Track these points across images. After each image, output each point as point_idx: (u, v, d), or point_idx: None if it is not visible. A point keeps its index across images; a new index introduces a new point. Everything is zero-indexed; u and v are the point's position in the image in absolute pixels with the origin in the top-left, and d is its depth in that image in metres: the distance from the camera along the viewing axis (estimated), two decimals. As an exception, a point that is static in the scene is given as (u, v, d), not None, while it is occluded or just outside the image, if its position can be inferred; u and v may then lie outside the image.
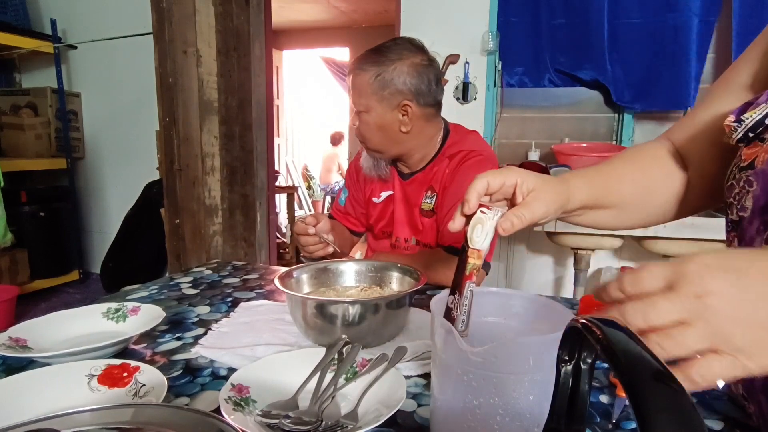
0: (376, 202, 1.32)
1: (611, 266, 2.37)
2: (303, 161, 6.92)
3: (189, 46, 2.40)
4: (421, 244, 1.25)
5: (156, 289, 1.03)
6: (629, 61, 2.31)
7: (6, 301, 2.62)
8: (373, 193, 1.32)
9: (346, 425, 0.51)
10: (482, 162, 1.15)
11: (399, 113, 1.14)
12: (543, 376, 0.43)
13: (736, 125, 0.55)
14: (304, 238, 1.09)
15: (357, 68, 1.13)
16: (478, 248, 0.53)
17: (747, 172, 0.55)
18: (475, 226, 0.54)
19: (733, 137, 0.55)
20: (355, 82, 1.14)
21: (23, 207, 3.20)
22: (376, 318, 0.71)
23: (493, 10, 2.47)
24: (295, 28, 5.95)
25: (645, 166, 0.70)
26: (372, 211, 1.34)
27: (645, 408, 0.22)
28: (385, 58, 1.11)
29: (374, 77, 1.11)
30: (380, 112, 1.14)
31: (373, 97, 1.12)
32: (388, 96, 1.12)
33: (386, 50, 1.12)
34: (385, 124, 1.15)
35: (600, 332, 0.27)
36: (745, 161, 0.55)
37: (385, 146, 1.19)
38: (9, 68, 3.63)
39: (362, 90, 1.13)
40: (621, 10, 2.27)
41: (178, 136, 2.49)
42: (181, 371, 0.67)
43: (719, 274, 0.34)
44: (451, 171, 1.17)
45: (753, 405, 0.57)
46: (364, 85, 1.12)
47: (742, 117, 0.54)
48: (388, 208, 1.30)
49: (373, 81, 1.11)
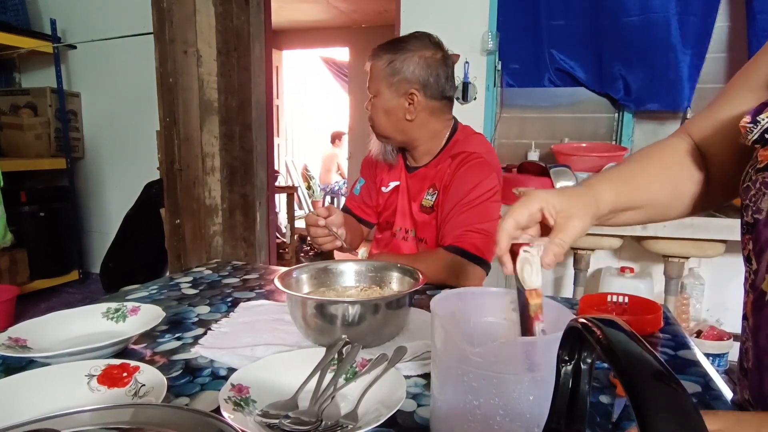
0: (384, 191, 1.35)
1: (611, 266, 2.37)
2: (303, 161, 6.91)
3: (189, 46, 2.40)
4: (417, 238, 1.26)
5: (156, 289, 1.03)
6: (629, 61, 2.30)
7: (6, 301, 2.62)
8: (383, 182, 1.36)
9: (346, 425, 0.51)
10: (482, 164, 1.16)
11: (405, 101, 1.19)
12: (543, 376, 0.43)
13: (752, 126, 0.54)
14: (313, 229, 1.09)
15: (374, 55, 1.20)
16: (534, 287, 0.52)
17: (764, 174, 0.54)
18: (523, 267, 0.54)
19: (748, 138, 0.54)
20: (371, 67, 1.21)
21: (23, 207, 3.19)
22: (376, 318, 0.71)
23: (493, 10, 2.47)
24: (295, 28, 5.94)
25: (670, 164, 0.70)
26: (380, 200, 1.38)
27: (645, 408, 0.22)
28: (400, 48, 1.18)
29: (387, 64, 1.18)
30: (388, 97, 1.20)
31: (383, 82, 1.19)
32: (397, 83, 1.18)
33: (403, 42, 1.20)
34: (391, 110, 1.21)
35: (600, 332, 0.27)
36: (762, 163, 0.54)
37: (391, 131, 1.24)
38: (9, 68, 3.63)
39: (375, 75, 1.20)
40: (620, 10, 2.27)
41: (179, 136, 2.49)
42: (180, 371, 0.67)
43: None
44: (452, 171, 1.18)
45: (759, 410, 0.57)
46: (378, 70, 1.19)
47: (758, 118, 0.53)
48: (393, 198, 1.33)
49: (385, 67, 1.18)
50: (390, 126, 1.23)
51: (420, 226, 1.25)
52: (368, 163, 1.42)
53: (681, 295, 2.17)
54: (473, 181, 1.15)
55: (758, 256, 0.56)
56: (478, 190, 1.14)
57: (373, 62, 1.20)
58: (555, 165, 2.14)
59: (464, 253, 1.11)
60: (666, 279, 2.11)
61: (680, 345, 0.78)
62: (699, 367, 0.70)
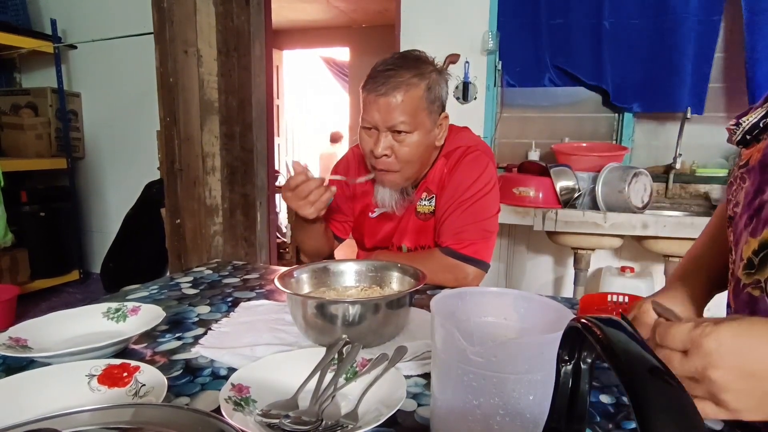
0: (372, 217, 1.23)
1: (611, 266, 2.37)
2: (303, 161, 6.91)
3: (189, 45, 2.40)
4: (419, 247, 1.22)
5: (156, 289, 1.03)
6: (628, 61, 2.30)
7: (6, 301, 2.62)
8: (369, 207, 1.23)
9: (346, 425, 0.51)
10: (480, 157, 1.13)
11: (436, 126, 1.07)
12: (543, 376, 0.43)
13: (735, 128, 0.57)
14: (305, 185, 0.98)
15: (405, 83, 0.99)
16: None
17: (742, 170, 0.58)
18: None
19: (733, 139, 0.58)
20: (403, 100, 0.99)
21: (23, 207, 3.20)
22: (376, 318, 0.71)
23: (493, 10, 2.47)
24: (295, 28, 5.94)
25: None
26: (365, 226, 1.26)
27: (645, 407, 0.22)
28: (423, 68, 1.02)
29: (426, 90, 1.01)
30: (428, 127, 1.04)
31: (424, 112, 1.02)
32: (436, 109, 1.04)
33: (415, 60, 1.03)
34: (429, 142, 1.06)
35: (600, 332, 0.27)
36: (743, 160, 0.58)
37: (418, 169, 1.09)
38: (9, 68, 3.63)
39: (415, 106, 1.00)
40: (620, 11, 2.27)
41: (179, 135, 2.50)
42: (181, 371, 0.67)
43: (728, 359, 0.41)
44: (449, 169, 1.14)
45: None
46: (416, 100, 1.00)
47: (740, 121, 0.57)
48: (383, 222, 1.23)
49: (425, 94, 1.01)
50: (420, 163, 1.07)
51: (417, 234, 1.19)
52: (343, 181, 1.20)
53: (681, 294, 2.16)
54: (471, 176, 1.10)
55: (735, 245, 0.60)
56: (477, 186, 1.10)
57: (406, 94, 0.98)
58: (555, 164, 2.14)
59: (462, 257, 1.10)
60: (666, 279, 2.11)
61: (680, 345, 0.78)
62: (699, 367, 0.70)
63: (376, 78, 1.01)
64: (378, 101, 1.00)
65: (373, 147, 1.04)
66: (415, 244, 1.22)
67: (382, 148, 1.03)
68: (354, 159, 1.28)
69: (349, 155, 1.30)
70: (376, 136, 1.04)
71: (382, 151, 1.03)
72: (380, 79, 1.00)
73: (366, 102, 1.03)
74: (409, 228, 1.20)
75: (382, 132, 1.03)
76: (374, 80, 1.01)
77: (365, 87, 1.03)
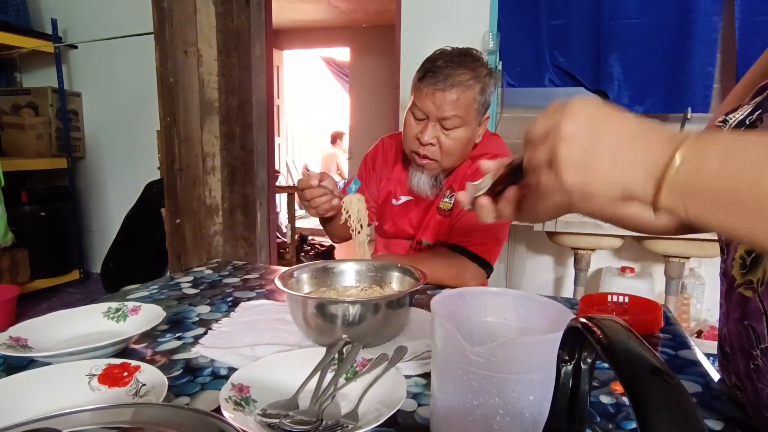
0: (395, 204, 1.28)
1: (611, 266, 2.37)
2: (303, 161, 6.92)
3: (189, 45, 2.40)
4: (438, 243, 1.23)
5: (156, 288, 1.03)
6: (628, 62, 2.30)
7: (6, 301, 2.62)
8: (394, 194, 1.28)
9: (347, 425, 0.51)
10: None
11: (479, 125, 1.13)
12: (543, 376, 0.43)
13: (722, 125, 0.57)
14: (309, 191, 1.03)
15: (463, 84, 1.06)
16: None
17: None
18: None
19: None
20: (459, 98, 1.06)
21: (24, 207, 3.19)
22: (377, 318, 0.71)
23: (493, 10, 2.46)
24: (295, 28, 5.94)
25: None
26: (387, 212, 1.31)
27: (645, 407, 0.22)
28: (479, 71, 1.08)
29: (479, 93, 1.09)
30: (474, 125, 1.12)
31: (473, 112, 1.10)
32: (483, 110, 1.12)
33: (473, 61, 1.09)
34: (471, 138, 1.13)
35: (600, 332, 0.27)
36: None
37: (458, 161, 1.16)
38: (9, 68, 3.63)
39: (468, 105, 1.08)
40: (621, 11, 2.27)
41: (179, 135, 2.50)
42: (181, 371, 0.67)
43: (585, 116, 0.41)
44: (472, 172, 1.16)
45: (741, 393, 0.58)
46: (469, 100, 1.08)
47: (727, 117, 0.56)
48: (407, 211, 1.27)
49: (478, 96, 1.09)
50: (462, 156, 1.14)
51: (435, 230, 1.22)
52: (370, 166, 1.33)
53: (681, 295, 2.17)
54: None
55: (727, 244, 0.60)
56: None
57: (463, 94, 1.06)
58: (555, 165, 2.14)
59: (467, 253, 1.11)
60: (666, 279, 2.11)
61: (681, 345, 0.78)
62: (699, 367, 0.70)
63: (436, 73, 1.06)
64: (435, 94, 1.06)
65: (419, 134, 1.10)
66: (435, 239, 1.23)
67: (429, 136, 1.09)
68: (390, 149, 1.33)
69: (379, 146, 1.35)
70: (425, 124, 1.10)
71: (429, 140, 1.09)
72: (440, 75, 1.05)
73: (421, 91, 1.08)
74: (432, 223, 1.22)
75: (431, 121, 1.09)
76: (434, 75, 1.06)
77: (423, 78, 1.08)
